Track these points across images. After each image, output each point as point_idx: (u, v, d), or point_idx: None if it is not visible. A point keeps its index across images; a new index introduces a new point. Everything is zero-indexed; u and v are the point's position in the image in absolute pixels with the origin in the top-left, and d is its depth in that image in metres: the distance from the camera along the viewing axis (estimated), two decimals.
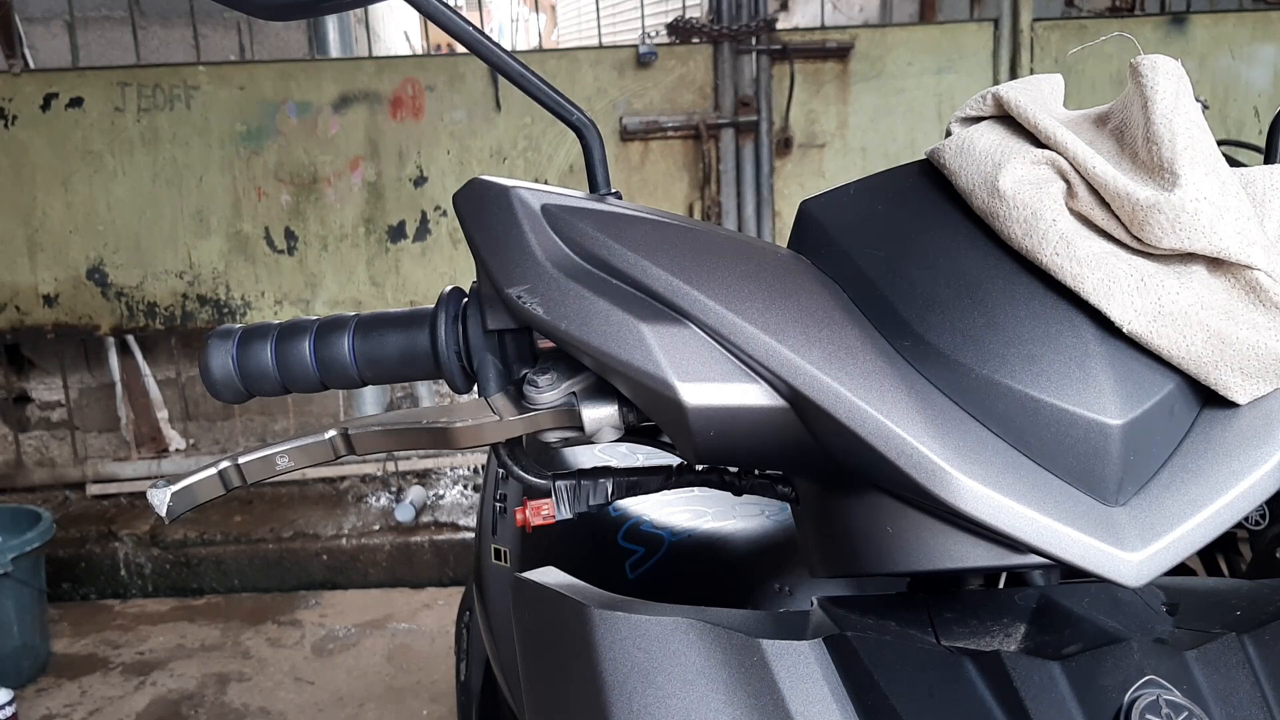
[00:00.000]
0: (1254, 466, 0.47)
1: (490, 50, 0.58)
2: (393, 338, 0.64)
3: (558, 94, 0.59)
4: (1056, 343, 0.47)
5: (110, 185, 3.32)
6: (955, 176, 0.52)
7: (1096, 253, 0.47)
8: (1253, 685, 0.46)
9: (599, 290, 0.51)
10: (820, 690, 0.47)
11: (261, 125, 3.31)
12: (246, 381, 0.66)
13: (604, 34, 3.60)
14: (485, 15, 3.58)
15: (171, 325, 3.40)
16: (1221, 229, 0.45)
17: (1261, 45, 3.43)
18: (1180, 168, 0.45)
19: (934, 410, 0.46)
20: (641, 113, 3.36)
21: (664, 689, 0.48)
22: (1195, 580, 0.63)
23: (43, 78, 3.28)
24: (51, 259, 3.34)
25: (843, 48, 3.34)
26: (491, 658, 0.83)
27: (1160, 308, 0.45)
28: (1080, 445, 0.45)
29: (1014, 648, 0.48)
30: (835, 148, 3.43)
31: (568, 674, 0.52)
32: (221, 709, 2.48)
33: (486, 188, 0.56)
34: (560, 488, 0.61)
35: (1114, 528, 0.44)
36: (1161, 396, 0.46)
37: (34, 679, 2.63)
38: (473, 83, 3.31)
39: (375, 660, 2.68)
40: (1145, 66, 0.48)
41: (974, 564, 0.48)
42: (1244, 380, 0.47)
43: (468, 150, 3.36)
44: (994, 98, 0.53)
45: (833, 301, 0.50)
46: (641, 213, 0.55)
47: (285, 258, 3.41)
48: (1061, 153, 0.49)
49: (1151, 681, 0.45)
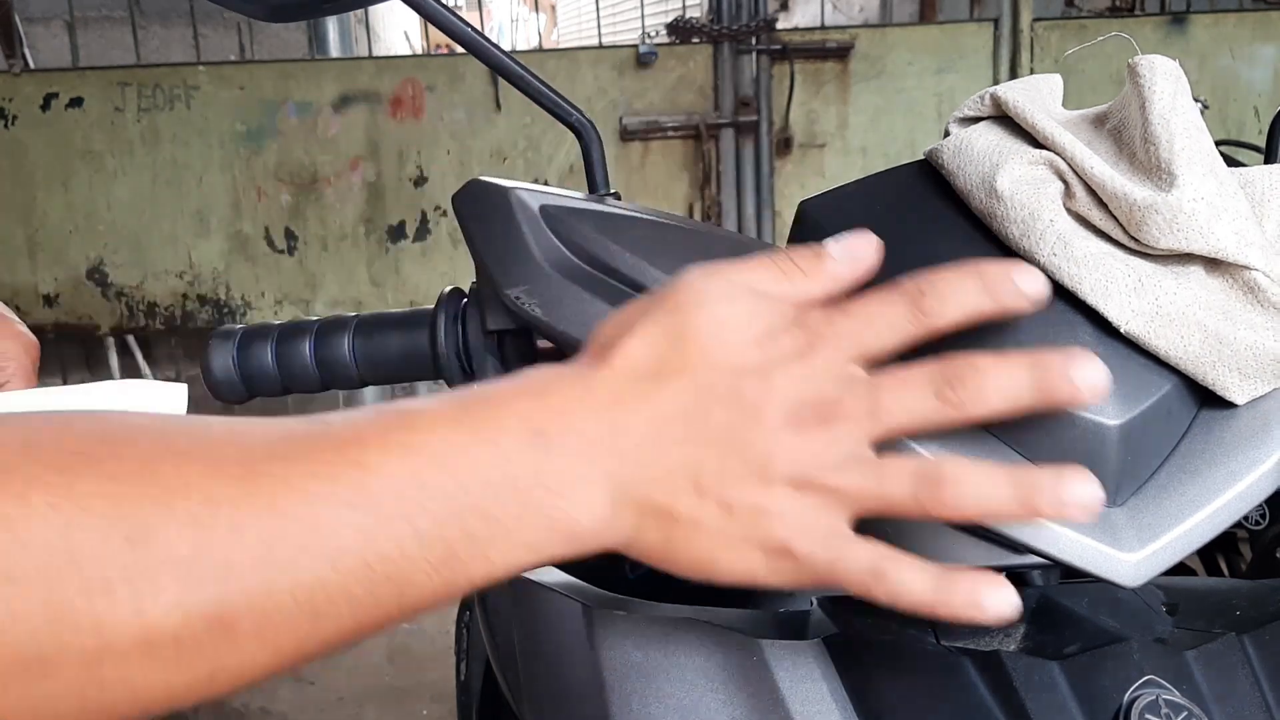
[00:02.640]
0: (1252, 466, 0.47)
1: (489, 51, 0.58)
2: (393, 338, 0.64)
3: (556, 95, 0.59)
4: (1054, 343, 0.47)
5: (110, 185, 3.32)
6: (953, 177, 0.52)
7: (1094, 253, 0.47)
8: (1253, 685, 0.47)
9: (598, 291, 0.51)
10: (820, 690, 0.47)
11: (261, 125, 3.32)
12: (247, 382, 0.66)
13: (604, 34, 3.60)
14: (485, 15, 3.58)
15: (172, 325, 3.40)
16: (1219, 229, 0.45)
17: (1261, 45, 3.43)
18: (1178, 168, 0.45)
19: None
20: (641, 113, 3.36)
21: (664, 689, 0.48)
22: (1195, 580, 0.63)
23: (43, 78, 3.28)
24: (51, 259, 3.34)
25: (843, 48, 3.35)
26: (491, 658, 0.83)
27: (1158, 308, 0.46)
28: (1078, 445, 0.45)
29: (1013, 648, 0.48)
30: (835, 148, 3.44)
31: (567, 674, 0.52)
32: (221, 709, 2.48)
33: (485, 188, 0.56)
34: None
35: (1112, 528, 0.44)
36: (1159, 397, 0.46)
37: None
38: (473, 83, 3.31)
39: (375, 660, 2.68)
40: (1143, 67, 0.48)
41: (972, 564, 0.48)
42: (1242, 380, 0.47)
43: (468, 150, 3.37)
44: (992, 98, 0.53)
45: None
46: (641, 213, 0.55)
47: (285, 258, 3.41)
48: (1059, 153, 0.49)
49: (1151, 681, 0.45)
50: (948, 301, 0.39)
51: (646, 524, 0.39)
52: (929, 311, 0.39)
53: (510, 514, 0.37)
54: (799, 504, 0.38)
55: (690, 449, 0.38)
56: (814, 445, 0.38)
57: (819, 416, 0.38)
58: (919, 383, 0.38)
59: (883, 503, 0.38)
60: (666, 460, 0.38)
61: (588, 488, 0.38)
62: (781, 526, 0.38)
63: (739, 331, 0.39)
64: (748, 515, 0.38)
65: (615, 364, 0.39)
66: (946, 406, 0.38)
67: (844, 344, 0.39)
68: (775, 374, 0.38)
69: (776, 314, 0.40)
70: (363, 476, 0.35)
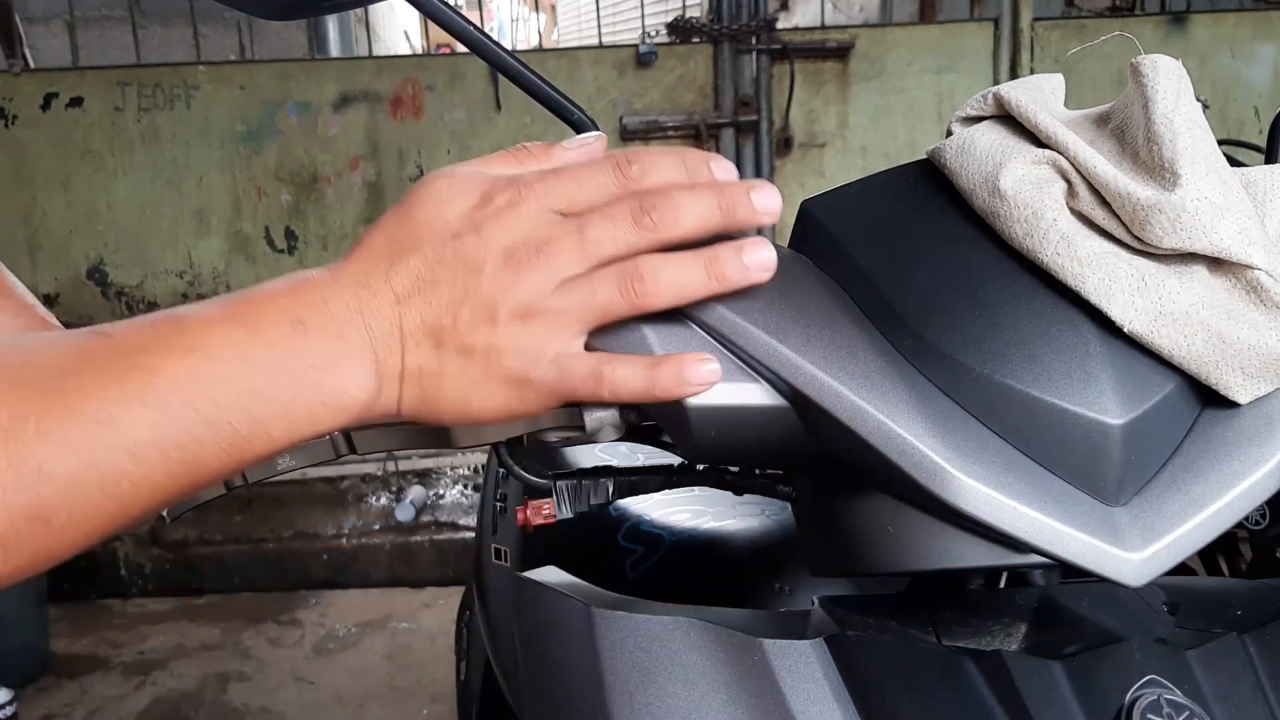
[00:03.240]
0: (1255, 466, 0.47)
1: (490, 49, 0.58)
2: None
3: (558, 93, 0.59)
4: (1057, 342, 0.47)
5: (110, 185, 3.32)
6: (956, 176, 0.52)
7: (1097, 252, 0.47)
8: (1254, 685, 0.47)
9: None
10: (821, 690, 0.47)
11: (261, 125, 3.31)
12: None
13: (604, 34, 3.60)
14: (485, 15, 3.58)
15: None
16: (1222, 229, 0.45)
17: (1261, 45, 3.43)
18: (1181, 167, 0.45)
19: (935, 410, 0.46)
20: (642, 112, 3.36)
21: (664, 688, 0.48)
22: (1196, 580, 0.63)
23: (43, 77, 3.28)
24: (51, 259, 3.34)
25: (843, 47, 3.34)
26: (491, 658, 0.83)
27: (1161, 307, 0.46)
28: (1081, 445, 0.45)
29: (1015, 647, 0.48)
30: (835, 147, 3.43)
31: (568, 673, 0.52)
32: (222, 709, 2.48)
33: None
34: (561, 487, 0.61)
35: (1115, 527, 0.44)
36: (1162, 396, 0.46)
37: (34, 679, 2.63)
38: (473, 82, 3.31)
39: (375, 660, 2.68)
40: (1146, 66, 0.48)
41: (975, 564, 0.48)
42: (1245, 380, 0.47)
43: (468, 150, 3.36)
44: (995, 97, 0.53)
45: (834, 301, 0.50)
46: None
47: (285, 257, 3.41)
48: (1062, 152, 0.49)
49: (1153, 681, 0.45)
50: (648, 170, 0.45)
51: (407, 386, 0.45)
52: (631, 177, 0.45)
53: (285, 394, 0.42)
54: (527, 333, 0.44)
55: (426, 310, 0.44)
56: (531, 279, 0.43)
57: (531, 254, 0.43)
58: (619, 213, 0.44)
59: (599, 311, 0.44)
60: (408, 324, 0.44)
61: (349, 362, 0.43)
62: (514, 357, 0.44)
63: (454, 202, 0.44)
64: (484, 355, 0.44)
65: (358, 255, 0.45)
66: (644, 231, 0.43)
67: (552, 196, 0.44)
68: (488, 227, 0.44)
69: (490, 182, 0.45)
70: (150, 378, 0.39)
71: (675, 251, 0.44)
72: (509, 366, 0.44)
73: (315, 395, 0.42)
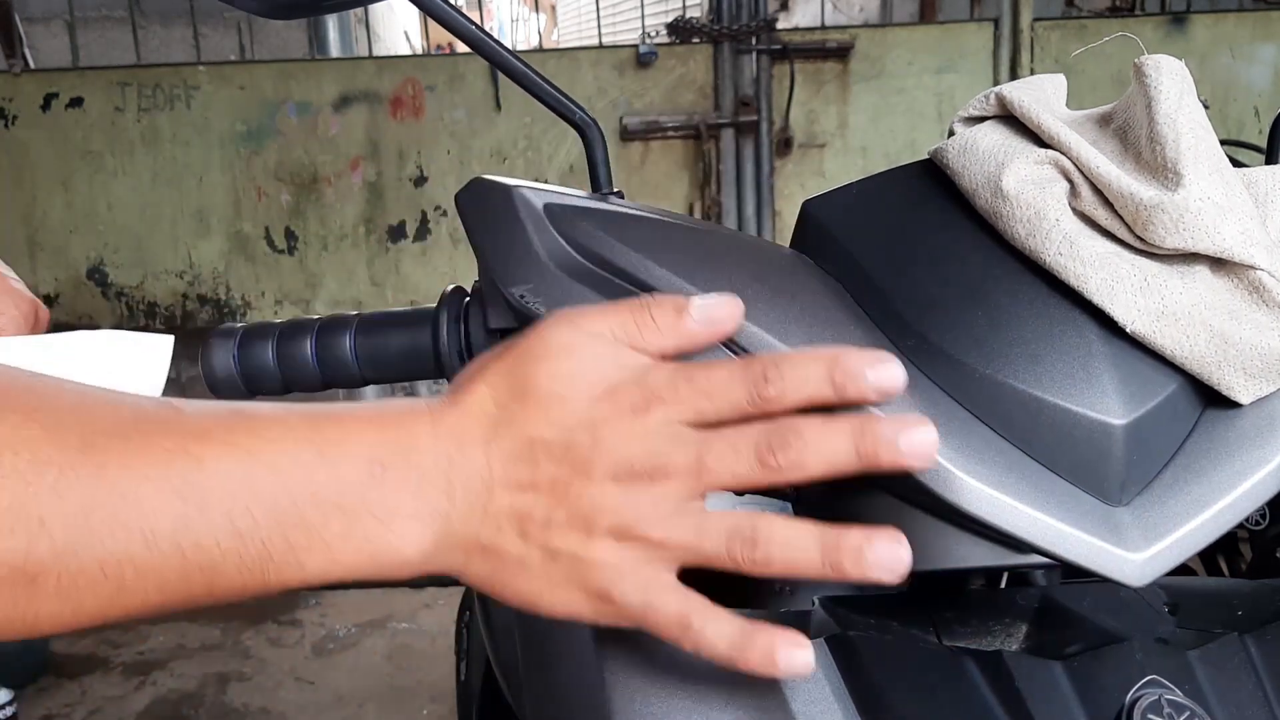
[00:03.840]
0: (1257, 466, 0.47)
1: (492, 48, 0.58)
2: (395, 337, 0.64)
3: (560, 93, 0.59)
4: (1060, 343, 0.47)
5: (110, 185, 3.32)
6: (958, 176, 0.52)
7: (1100, 253, 0.47)
8: (1255, 685, 0.47)
9: (601, 289, 0.51)
10: (822, 690, 0.47)
11: (261, 125, 3.31)
12: (248, 381, 0.66)
13: (604, 34, 3.60)
14: (486, 15, 3.58)
15: (172, 325, 3.40)
16: (1225, 229, 0.45)
17: (1261, 45, 3.43)
18: (1184, 168, 0.45)
19: (937, 410, 0.46)
20: (642, 113, 3.36)
21: (666, 688, 0.48)
22: (1197, 580, 0.63)
23: (43, 78, 3.28)
24: (51, 259, 3.34)
25: (843, 48, 3.34)
26: (492, 658, 0.83)
27: (1164, 308, 0.46)
28: (1083, 445, 0.45)
29: (1016, 647, 0.48)
30: (835, 148, 3.43)
31: (569, 674, 0.52)
32: (222, 709, 2.48)
33: (489, 187, 0.56)
34: None
35: (1117, 527, 0.44)
36: (1165, 396, 0.46)
37: (34, 679, 2.63)
38: (473, 82, 3.31)
39: (375, 660, 2.68)
40: (1149, 66, 0.48)
41: (976, 563, 0.48)
42: (1247, 380, 0.47)
43: (468, 150, 3.36)
44: (997, 97, 0.53)
45: (836, 301, 0.50)
46: (644, 212, 0.55)
47: (285, 257, 3.41)
48: (1065, 153, 0.49)
49: (1154, 681, 0.45)
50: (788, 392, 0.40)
51: (474, 558, 0.41)
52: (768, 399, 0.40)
53: (333, 532, 0.38)
54: (620, 554, 0.40)
55: (519, 496, 0.40)
56: (637, 500, 0.40)
57: (645, 473, 0.40)
58: (743, 445, 0.40)
59: (699, 556, 0.40)
60: (496, 504, 0.40)
61: (414, 523, 0.40)
62: (601, 574, 0.40)
63: (578, 386, 0.41)
64: (570, 562, 0.40)
65: (461, 407, 0.41)
66: (768, 471, 0.39)
67: (679, 408, 0.40)
68: (606, 430, 0.40)
69: (619, 370, 0.41)
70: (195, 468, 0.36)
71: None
72: (594, 581, 0.40)
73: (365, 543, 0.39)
